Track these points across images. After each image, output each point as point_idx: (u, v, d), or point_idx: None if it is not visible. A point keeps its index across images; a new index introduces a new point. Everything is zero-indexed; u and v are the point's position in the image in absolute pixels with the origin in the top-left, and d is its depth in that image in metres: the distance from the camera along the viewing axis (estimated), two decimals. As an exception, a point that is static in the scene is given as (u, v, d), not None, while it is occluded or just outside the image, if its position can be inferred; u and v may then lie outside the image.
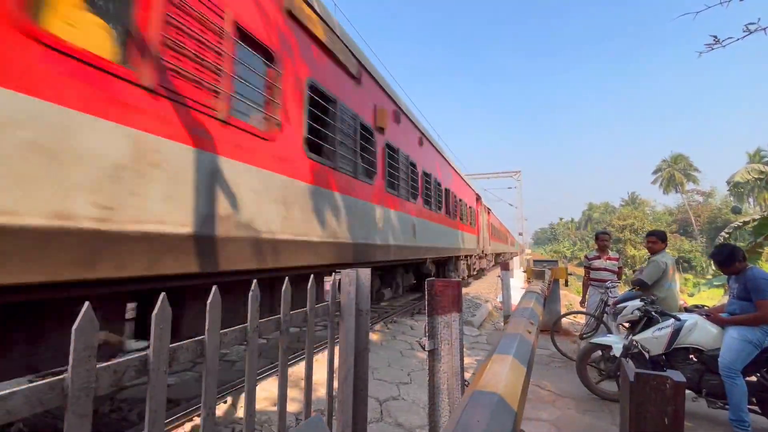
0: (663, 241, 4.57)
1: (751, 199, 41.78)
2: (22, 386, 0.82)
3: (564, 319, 6.58)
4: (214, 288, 1.29)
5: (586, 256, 6.08)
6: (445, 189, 9.65)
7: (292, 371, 3.79)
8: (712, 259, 3.50)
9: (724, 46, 2.79)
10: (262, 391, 3.44)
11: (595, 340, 4.06)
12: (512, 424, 0.97)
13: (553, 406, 3.67)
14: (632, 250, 39.04)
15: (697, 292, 15.91)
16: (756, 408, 3.16)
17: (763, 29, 2.75)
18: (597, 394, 3.88)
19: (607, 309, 5.01)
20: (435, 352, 1.85)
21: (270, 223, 3.11)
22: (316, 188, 3.82)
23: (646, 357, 3.52)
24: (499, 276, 8.07)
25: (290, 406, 3.14)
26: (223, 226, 2.65)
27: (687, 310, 3.87)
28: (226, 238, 2.67)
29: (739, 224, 12.47)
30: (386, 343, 5.52)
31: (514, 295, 7.20)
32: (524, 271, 11.11)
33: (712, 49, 2.81)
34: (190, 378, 4.11)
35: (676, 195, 58.78)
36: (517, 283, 11.14)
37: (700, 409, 3.47)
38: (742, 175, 22.88)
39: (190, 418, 2.94)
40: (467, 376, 1.92)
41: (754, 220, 11.85)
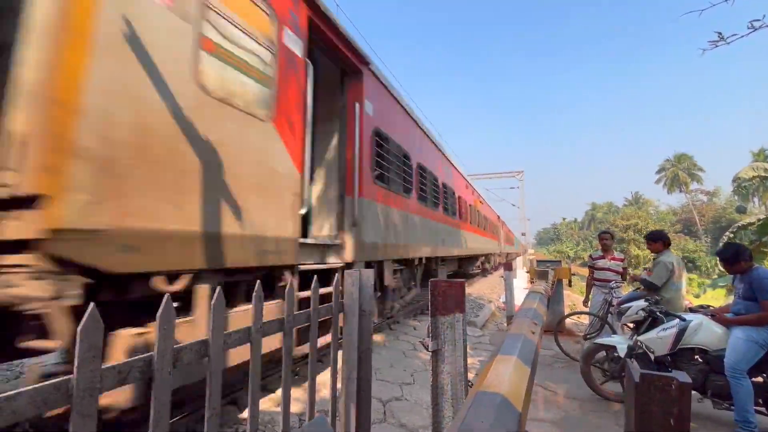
0: (656, 241, 4.52)
1: (756, 199, 41.46)
2: (28, 387, 0.82)
3: (568, 320, 6.55)
4: (218, 289, 1.30)
5: (590, 256, 6.06)
6: (484, 215, 16.61)
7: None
8: (718, 257, 3.48)
9: (729, 43, 2.77)
10: (265, 392, 3.45)
11: (599, 340, 4.04)
12: (517, 425, 0.97)
13: (557, 407, 3.66)
14: (636, 250, 38.79)
15: (703, 293, 15.75)
16: (762, 409, 3.13)
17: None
18: (601, 395, 3.86)
19: (611, 309, 4.99)
20: (438, 352, 1.85)
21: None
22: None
23: (651, 357, 3.50)
24: (502, 276, 8.05)
25: (293, 407, 3.15)
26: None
27: (692, 311, 3.85)
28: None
29: (744, 224, 12.37)
30: (389, 344, 5.51)
31: (518, 296, 7.18)
32: (527, 272, 11.08)
33: (717, 47, 2.79)
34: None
35: (680, 195, 58.48)
36: (521, 283, 11.11)
37: (706, 409, 3.45)
38: (746, 172, 22.62)
39: (194, 419, 2.94)
40: (470, 376, 1.92)
41: (759, 220, 11.75)
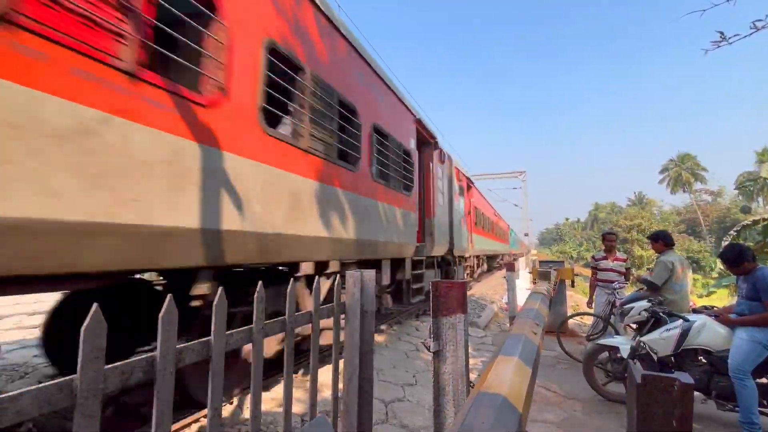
0: (657, 241, 4.53)
1: (761, 199, 41.19)
2: (32, 387, 0.83)
3: (571, 321, 6.54)
4: (220, 290, 1.30)
5: (593, 257, 6.04)
6: (502, 229, 22.04)
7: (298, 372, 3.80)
8: (721, 259, 3.46)
9: (731, 43, 2.76)
10: (266, 393, 3.46)
11: (602, 341, 4.03)
12: (517, 425, 0.97)
13: (560, 408, 3.65)
14: (639, 251, 38.63)
15: (706, 293, 15.63)
16: (766, 410, 3.11)
17: None
18: (604, 396, 3.85)
19: (614, 310, 4.97)
20: (440, 353, 1.85)
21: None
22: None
23: (654, 358, 3.49)
24: (505, 277, 8.04)
25: (295, 407, 3.15)
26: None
27: (695, 311, 3.83)
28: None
29: (748, 223, 12.29)
30: (391, 345, 5.51)
31: (520, 297, 7.17)
32: (530, 272, 11.06)
33: (719, 47, 2.78)
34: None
35: (683, 195, 58.17)
36: (523, 284, 11.08)
37: (710, 411, 3.43)
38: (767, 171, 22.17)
39: (197, 419, 2.96)
40: (473, 377, 1.92)
41: (764, 220, 11.67)
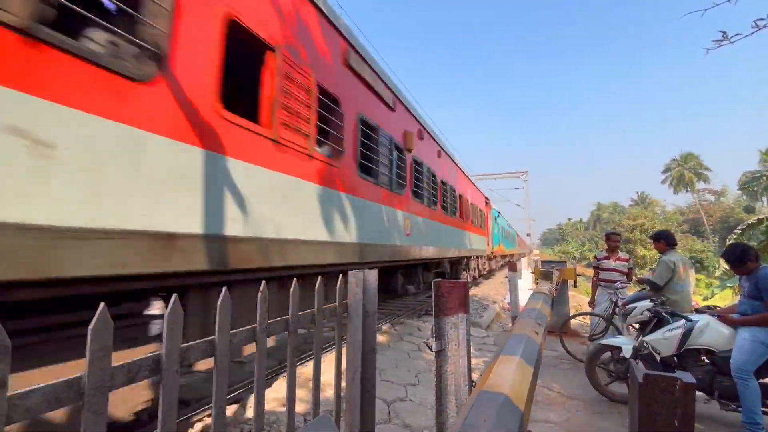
0: (658, 240, 4.55)
1: (765, 198, 40.95)
2: (41, 384, 0.84)
3: (573, 321, 6.52)
4: (224, 290, 1.32)
5: (595, 257, 6.04)
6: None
7: (301, 372, 3.82)
8: (724, 259, 3.46)
9: (733, 42, 2.75)
10: (271, 392, 3.47)
11: (605, 341, 4.02)
12: (518, 424, 0.98)
13: (562, 408, 3.65)
14: (642, 251, 38.49)
15: (711, 296, 15.52)
16: (770, 410, 3.10)
17: None
18: (606, 396, 3.84)
19: (617, 310, 4.97)
20: (442, 353, 1.86)
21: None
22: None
23: (657, 358, 3.48)
24: (507, 277, 8.03)
25: (298, 407, 3.17)
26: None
27: (698, 311, 3.82)
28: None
29: (752, 222, 12.24)
30: (393, 345, 5.52)
31: (523, 297, 7.16)
32: (532, 272, 11.04)
33: (720, 46, 2.77)
34: (199, 379, 4.15)
35: (686, 194, 57.93)
36: (525, 284, 11.06)
37: (713, 411, 3.42)
38: None
39: (201, 419, 2.97)
40: (475, 377, 1.92)
41: (768, 219, 11.62)
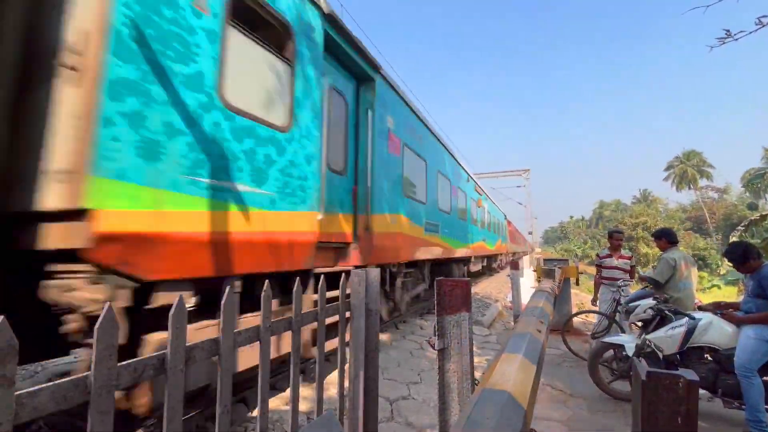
0: (659, 238, 4.55)
1: (768, 195, 40.71)
2: (49, 383, 0.85)
3: (575, 319, 6.52)
4: (228, 289, 1.32)
5: (597, 255, 6.02)
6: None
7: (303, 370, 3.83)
8: (726, 258, 3.45)
9: (737, 39, 2.74)
10: (274, 391, 3.49)
11: (608, 339, 4.02)
12: (522, 422, 0.98)
13: (565, 406, 3.65)
14: (645, 248, 38.39)
15: (709, 287, 15.48)
16: (774, 408, 3.10)
17: None
18: (609, 394, 3.84)
19: (619, 308, 4.96)
20: (444, 351, 1.86)
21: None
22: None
23: (660, 356, 3.48)
24: (509, 275, 8.02)
25: (302, 406, 3.18)
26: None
27: (701, 309, 3.81)
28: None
29: (755, 219, 12.19)
30: (396, 343, 5.53)
31: (525, 295, 7.15)
32: (534, 271, 11.02)
33: (724, 43, 2.76)
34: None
35: (689, 192, 57.67)
36: (528, 282, 11.05)
37: (716, 409, 3.41)
38: None
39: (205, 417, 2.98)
40: (477, 375, 1.93)
41: (772, 216, 11.57)
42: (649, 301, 3.79)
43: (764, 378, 3.06)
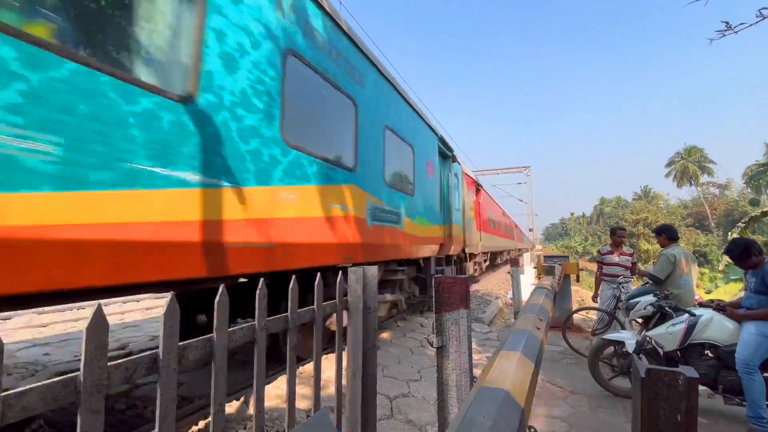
0: (660, 234, 4.55)
1: (770, 191, 40.62)
2: (38, 383, 0.84)
3: (576, 316, 6.51)
4: (222, 287, 1.31)
5: (599, 251, 6.01)
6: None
7: (303, 369, 3.83)
8: (727, 255, 3.43)
9: (737, 32, 2.71)
10: (273, 389, 3.48)
11: (608, 336, 4.01)
12: (519, 420, 0.97)
13: (565, 403, 3.64)
14: (646, 245, 38.37)
15: (714, 288, 15.45)
16: (775, 404, 3.08)
17: None
18: (610, 391, 3.83)
19: (620, 304, 4.95)
20: (443, 349, 1.85)
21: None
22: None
23: (660, 353, 3.47)
24: (509, 272, 8.02)
25: (300, 404, 3.17)
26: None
27: (701, 305, 3.80)
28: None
29: (757, 215, 12.15)
30: (396, 341, 5.52)
31: (525, 292, 7.14)
32: (535, 267, 11.03)
33: (724, 36, 2.72)
34: (200, 377, 4.17)
35: (690, 188, 57.51)
36: (528, 279, 11.05)
37: (717, 405, 3.40)
38: None
39: (203, 416, 2.98)
40: (477, 372, 1.92)
41: (774, 212, 11.53)
42: (650, 298, 3.77)
43: (765, 374, 3.04)
